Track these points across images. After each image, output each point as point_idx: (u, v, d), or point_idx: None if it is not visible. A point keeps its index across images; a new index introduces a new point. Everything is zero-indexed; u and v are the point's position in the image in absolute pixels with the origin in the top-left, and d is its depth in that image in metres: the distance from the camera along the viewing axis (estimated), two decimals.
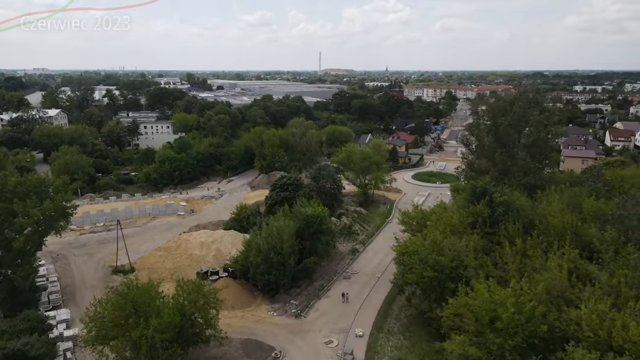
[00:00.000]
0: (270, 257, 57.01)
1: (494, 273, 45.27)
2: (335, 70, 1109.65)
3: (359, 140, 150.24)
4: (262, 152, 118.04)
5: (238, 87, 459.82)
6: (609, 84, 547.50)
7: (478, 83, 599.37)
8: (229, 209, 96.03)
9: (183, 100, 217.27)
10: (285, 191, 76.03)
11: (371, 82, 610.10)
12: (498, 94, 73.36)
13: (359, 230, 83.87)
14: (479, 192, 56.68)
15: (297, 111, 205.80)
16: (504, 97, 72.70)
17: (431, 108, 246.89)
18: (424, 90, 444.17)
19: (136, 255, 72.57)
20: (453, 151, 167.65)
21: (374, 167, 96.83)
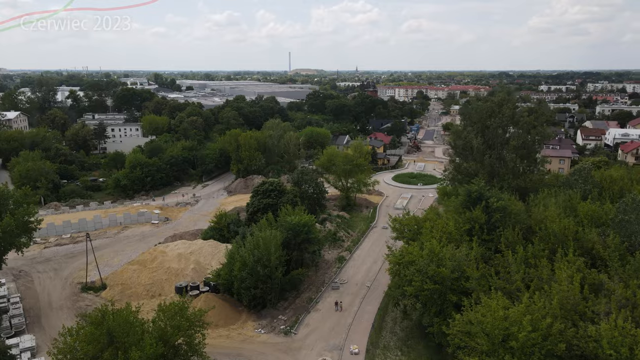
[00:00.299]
0: (256, 270, 53.22)
1: (498, 284, 42.89)
2: (306, 70, 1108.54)
3: (337, 141, 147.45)
4: (238, 156, 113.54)
5: (208, 88, 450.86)
6: (572, 84, 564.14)
7: (447, 83, 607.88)
8: (207, 216, 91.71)
9: (152, 102, 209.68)
10: (267, 198, 72.21)
11: (342, 82, 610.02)
12: (482, 95, 71.63)
13: (344, 236, 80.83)
14: (475, 197, 54.42)
15: (271, 112, 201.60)
16: (492, 98, 70.96)
17: (405, 108, 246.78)
18: (396, 90, 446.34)
19: (108, 269, 67.40)
20: (430, 151, 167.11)
21: (356, 170, 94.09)
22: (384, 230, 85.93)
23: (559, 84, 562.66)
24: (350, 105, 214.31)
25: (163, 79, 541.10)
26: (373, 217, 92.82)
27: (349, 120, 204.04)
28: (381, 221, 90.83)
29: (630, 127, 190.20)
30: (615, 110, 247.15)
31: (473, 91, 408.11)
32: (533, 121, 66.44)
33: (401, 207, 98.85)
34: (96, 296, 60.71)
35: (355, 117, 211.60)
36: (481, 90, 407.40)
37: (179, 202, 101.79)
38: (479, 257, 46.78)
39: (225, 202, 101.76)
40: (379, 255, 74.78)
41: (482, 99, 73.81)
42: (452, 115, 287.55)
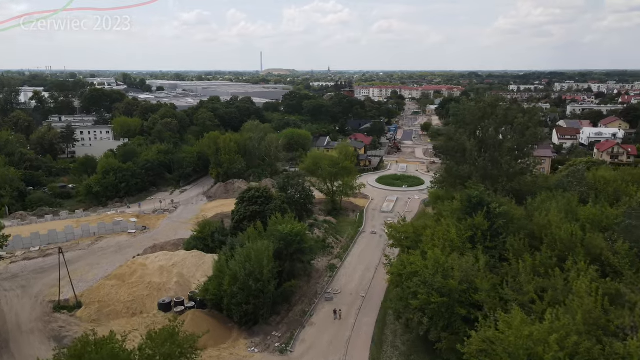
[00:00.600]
0: (248, 285, 49.63)
1: (510, 296, 40.73)
2: (278, 70, 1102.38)
3: (317, 143, 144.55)
4: (218, 159, 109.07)
5: (179, 88, 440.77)
6: (539, 84, 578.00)
7: (419, 83, 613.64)
8: (187, 224, 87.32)
9: (123, 103, 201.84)
10: (254, 205, 68.54)
11: (316, 82, 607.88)
12: (479, 96, 70.39)
13: (333, 242, 77.87)
14: (475, 202, 52.34)
15: (247, 113, 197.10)
16: (486, 99, 69.37)
17: (382, 108, 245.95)
18: (370, 90, 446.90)
19: (82, 285, 62.39)
20: (411, 152, 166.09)
21: (342, 173, 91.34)
22: (372, 236, 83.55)
23: (527, 84, 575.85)
24: (327, 105, 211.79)
25: (132, 79, 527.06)
26: (360, 222, 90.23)
27: (326, 120, 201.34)
28: (369, 226, 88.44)
29: (602, 126, 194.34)
30: (586, 109, 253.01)
31: (446, 91, 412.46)
32: (527, 122, 65.04)
33: (388, 210, 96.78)
34: (70, 316, 55.78)
35: (333, 118, 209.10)
36: (454, 90, 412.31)
37: (157, 209, 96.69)
38: (485, 267, 44.58)
39: (205, 208, 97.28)
40: (370, 262, 72.27)
41: (474, 99, 71.74)
42: (428, 115, 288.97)
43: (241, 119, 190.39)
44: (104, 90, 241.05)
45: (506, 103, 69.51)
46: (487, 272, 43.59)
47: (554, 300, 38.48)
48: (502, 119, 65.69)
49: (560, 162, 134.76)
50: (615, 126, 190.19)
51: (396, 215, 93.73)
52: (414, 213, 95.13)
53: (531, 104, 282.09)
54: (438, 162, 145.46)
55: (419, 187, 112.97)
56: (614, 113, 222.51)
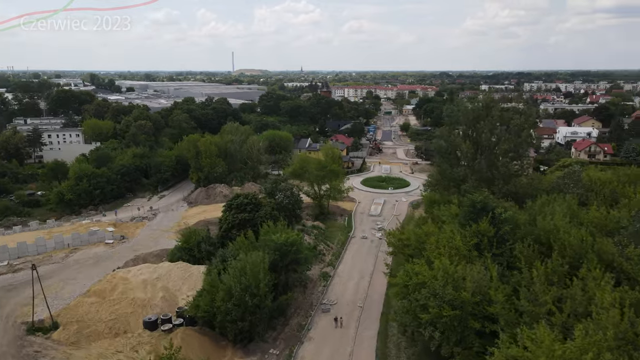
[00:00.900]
0: (244, 300, 46.27)
1: (526, 308, 38.75)
2: (250, 71, 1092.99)
3: (298, 144, 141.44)
4: (198, 163, 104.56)
5: (150, 89, 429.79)
6: (509, 84, 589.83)
7: (392, 83, 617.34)
8: (168, 232, 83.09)
9: (92, 104, 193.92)
10: (243, 212, 65.00)
11: (289, 82, 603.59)
12: (473, 97, 68.89)
13: (324, 249, 75.05)
14: (479, 207, 50.42)
15: (224, 114, 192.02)
16: (481, 99, 67.87)
17: (360, 109, 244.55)
18: (345, 90, 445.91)
19: (58, 303, 57.61)
20: (392, 153, 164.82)
21: (330, 176, 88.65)
22: (363, 241, 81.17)
23: (497, 84, 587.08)
24: (305, 106, 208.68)
25: (100, 80, 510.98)
26: (349, 226, 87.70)
27: (304, 121, 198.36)
28: (358, 230, 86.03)
29: (576, 125, 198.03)
30: (558, 109, 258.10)
31: (421, 91, 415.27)
32: (523, 123, 63.81)
33: (376, 213, 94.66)
34: (47, 339, 51.01)
35: (311, 119, 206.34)
36: (429, 90, 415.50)
37: (135, 216, 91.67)
38: (497, 277, 42.55)
39: (187, 215, 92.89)
40: (364, 269, 69.81)
41: (469, 99, 70.20)
42: (405, 115, 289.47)
43: (218, 121, 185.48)
44: (73, 91, 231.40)
45: (500, 104, 68.10)
46: (499, 283, 41.52)
47: (574, 311, 36.68)
48: (497, 120, 64.30)
49: (541, 162, 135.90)
50: (589, 125, 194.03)
51: (385, 219, 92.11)
52: (402, 216, 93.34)
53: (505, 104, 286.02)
54: (421, 163, 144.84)
55: (405, 189, 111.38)
56: (585, 112, 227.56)
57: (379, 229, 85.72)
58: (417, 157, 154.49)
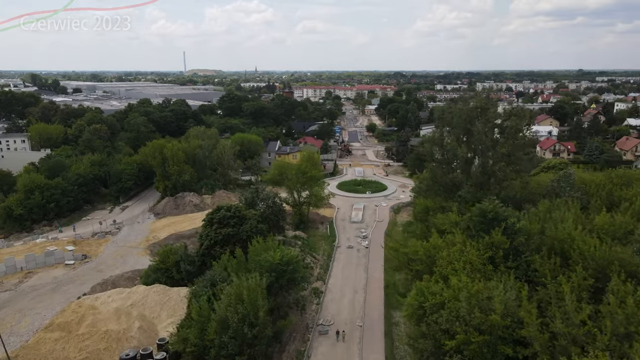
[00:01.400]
0: (242, 332, 40.74)
1: (561, 329, 35.59)
2: (203, 71, 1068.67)
3: (268, 147, 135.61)
4: (165, 171, 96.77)
5: (99, 90, 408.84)
6: (461, 83, 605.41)
7: (349, 83, 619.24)
8: (137, 248, 75.63)
9: (38, 107, 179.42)
10: (226, 227, 59.01)
11: (246, 82, 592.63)
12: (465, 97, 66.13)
13: (311, 262, 70.15)
14: (490, 217, 47.25)
15: (183, 117, 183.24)
16: (476, 100, 65.12)
17: (325, 109, 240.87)
18: (304, 90, 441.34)
19: (15, 340, 49.98)
20: (362, 154, 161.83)
21: (310, 183, 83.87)
22: (349, 251, 76.92)
23: (450, 83, 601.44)
24: (269, 107, 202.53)
25: (42, 80, 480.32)
26: (332, 235, 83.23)
27: (268, 123, 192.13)
28: (343, 239, 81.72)
29: (537, 123, 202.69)
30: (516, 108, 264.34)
31: (380, 90, 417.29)
32: (518, 125, 61.62)
33: (358, 220, 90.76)
34: None
35: (275, 120, 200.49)
36: (387, 90, 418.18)
37: (96, 231, 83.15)
38: (523, 295, 39.29)
39: (155, 228, 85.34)
40: (356, 282, 65.53)
41: (462, 100, 67.45)
42: (367, 115, 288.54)
43: (177, 124, 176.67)
44: (15, 93, 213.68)
45: (496, 106, 65.71)
46: (528, 302, 38.25)
47: (616, 333, 33.82)
48: (493, 122, 61.77)
49: None
50: (547, 124, 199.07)
51: (368, 225, 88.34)
52: (385, 222, 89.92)
53: None
54: (393, 165, 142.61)
55: (384, 193, 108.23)
56: (542, 111, 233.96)
57: (363, 237, 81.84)
58: (388, 159, 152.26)
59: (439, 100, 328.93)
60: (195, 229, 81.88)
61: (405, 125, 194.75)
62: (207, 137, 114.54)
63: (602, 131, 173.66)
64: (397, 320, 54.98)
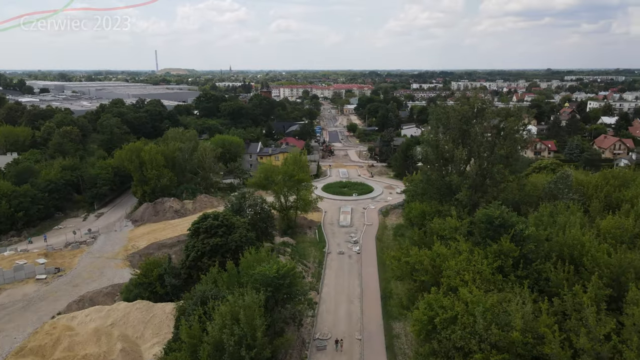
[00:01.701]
0: (240, 355, 37.26)
1: (585, 345, 33.46)
2: (176, 70, 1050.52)
3: (249, 149, 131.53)
4: (143, 175, 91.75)
5: (68, 90, 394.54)
6: (437, 82, 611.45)
7: (325, 82, 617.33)
8: (115, 260, 70.90)
9: (3, 108, 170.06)
10: (214, 236, 55.18)
11: (220, 82, 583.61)
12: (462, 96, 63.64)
13: (303, 271, 66.83)
14: (497, 224, 45.02)
15: (159, 118, 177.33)
16: (472, 100, 62.93)
17: (305, 109, 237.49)
18: (281, 90, 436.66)
19: None
20: (344, 155, 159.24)
21: (299, 187, 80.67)
22: (341, 257, 74.06)
23: (424, 83, 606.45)
24: (247, 107, 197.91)
25: (6, 80, 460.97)
26: (322, 240, 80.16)
27: (247, 124, 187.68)
28: (333, 244, 78.77)
29: None
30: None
31: (357, 90, 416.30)
32: (515, 126, 59.78)
33: (347, 224, 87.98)
34: None
35: (254, 121, 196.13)
36: (365, 89, 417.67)
37: (70, 241, 77.82)
38: (543, 309, 37.05)
39: (134, 237, 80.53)
40: (350, 291, 62.67)
41: (459, 100, 65.25)
42: (346, 115, 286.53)
43: (152, 125, 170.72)
44: None
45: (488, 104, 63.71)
46: (548, 316, 36.01)
47: None
48: (490, 123, 59.77)
49: None
50: None
51: (357, 229, 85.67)
52: (375, 225, 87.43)
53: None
54: (377, 165, 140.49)
55: (370, 195, 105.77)
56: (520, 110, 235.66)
57: (354, 242, 79.10)
58: (371, 159, 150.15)
59: (417, 99, 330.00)
60: (178, 237, 77.72)
61: (386, 125, 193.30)
62: (187, 139, 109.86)
63: (580, 130, 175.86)
64: (398, 332, 52.42)
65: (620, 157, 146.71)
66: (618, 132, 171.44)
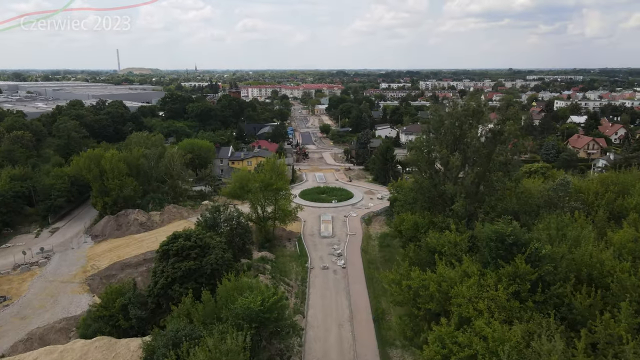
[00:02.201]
0: None
1: None
2: (139, 69, 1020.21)
3: (220, 154, 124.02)
4: (103, 186, 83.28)
5: (22, 90, 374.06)
6: (405, 82, 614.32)
7: (293, 82, 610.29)
8: (72, 283, 63.03)
9: None
10: (186, 259, 48.34)
11: (186, 82, 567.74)
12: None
13: (285, 291, 60.62)
14: (510, 242, 40.26)
15: (121, 120, 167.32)
16: (469, 102, 58.20)
17: (276, 110, 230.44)
18: (249, 90, 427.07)
19: None
20: (319, 158, 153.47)
21: (277, 196, 74.46)
22: (325, 272, 68.33)
23: (392, 82, 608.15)
24: (216, 109, 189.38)
25: None
26: (303, 254, 74.16)
27: (216, 126, 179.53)
28: (315, 258, 72.91)
29: None
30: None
31: (327, 89, 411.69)
32: (515, 130, 55.51)
33: (328, 234, 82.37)
34: None
35: (223, 122, 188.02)
36: (335, 89, 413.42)
37: (19, 263, 68.96)
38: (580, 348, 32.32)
39: (94, 255, 72.39)
40: (339, 313, 57.01)
41: (454, 104, 60.37)
42: (318, 115, 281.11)
43: (114, 127, 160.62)
44: None
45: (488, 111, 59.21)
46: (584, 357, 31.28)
47: None
48: (488, 128, 55.30)
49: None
50: None
51: (340, 240, 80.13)
52: (358, 235, 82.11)
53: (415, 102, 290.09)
54: (354, 168, 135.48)
55: (351, 201, 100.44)
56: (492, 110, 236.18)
57: (338, 254, 73.54)
58: (347, 162, 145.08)
59: (388, 99, 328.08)
60: (144, 255, 70.26)
61: (359, 126, 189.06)
62: (152, 144, 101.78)
63: (553, 129, 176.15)
64: None
65: (595, 156, 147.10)
66: (588, 131, 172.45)
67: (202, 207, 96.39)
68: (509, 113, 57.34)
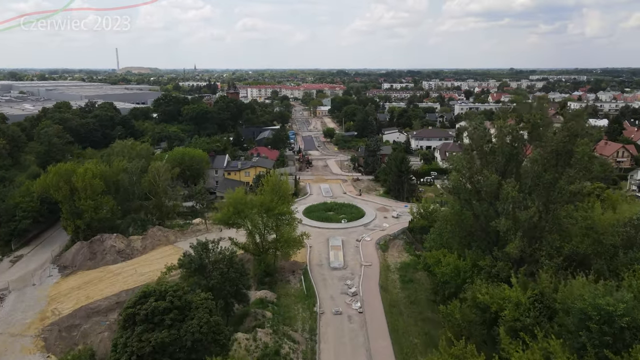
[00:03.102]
0: None
1: None
2: (138, 69, 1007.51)
3: (214, 164, 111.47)
4: (74, 206, 70.77)
5: (15, 90, 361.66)
6: (406, 82, 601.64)
7: (293, 81, 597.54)
8: (24, 336, 50.63)
9: None
10: (158, 327, 35.91)
11: (184, 81, 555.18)
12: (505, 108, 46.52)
13: (289, 350, 48.12)
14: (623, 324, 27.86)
15: (110, 124, 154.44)
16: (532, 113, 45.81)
17: (276, 112, 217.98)
18: (248, 90, 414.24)
19: None
20: (323, 166, 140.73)
21: (280, 222, 62.09)
22: (338, 319, 55.88)
23: (393, 82, 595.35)
24: (213, 111, 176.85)
25: None
26: (310, 293, 61.58)
27: (213, 130, 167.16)
28: (325, 298, 60.39)
29: None
30: (472, 108, 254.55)
31: (329, 90, 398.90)
32: (589, 151, 43.04)
33: (339, 265, 70.01)
34: None
35: (220, 126, 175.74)
36: (336, 89, 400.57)
37: None
38: None
39: (57, 294, 59.91)
40: None
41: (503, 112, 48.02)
42: (320, 117, 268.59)
43: (103, 132, 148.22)
44: None
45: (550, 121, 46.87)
46: None
47: None
48: (555, 146, 42.64)
49: None
50: None
51: (354, 273, 67.61)
52: (375, 265, 69.64)
53: (423, 103, 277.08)
54: (362, 179, 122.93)
55: (362, 221, 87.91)
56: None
57: (352, 294, 61.08)
58: (354, 171, 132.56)
59: (393, 100, 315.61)
60: (117, 295, 58.07)
61: (365, 129, 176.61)
62: (137, 155, 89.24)
63: None
64: None
65: (625, 165, 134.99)
66: (614, 137, 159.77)
67: (192, 227, 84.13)
68: (577, 127, 44.51)
